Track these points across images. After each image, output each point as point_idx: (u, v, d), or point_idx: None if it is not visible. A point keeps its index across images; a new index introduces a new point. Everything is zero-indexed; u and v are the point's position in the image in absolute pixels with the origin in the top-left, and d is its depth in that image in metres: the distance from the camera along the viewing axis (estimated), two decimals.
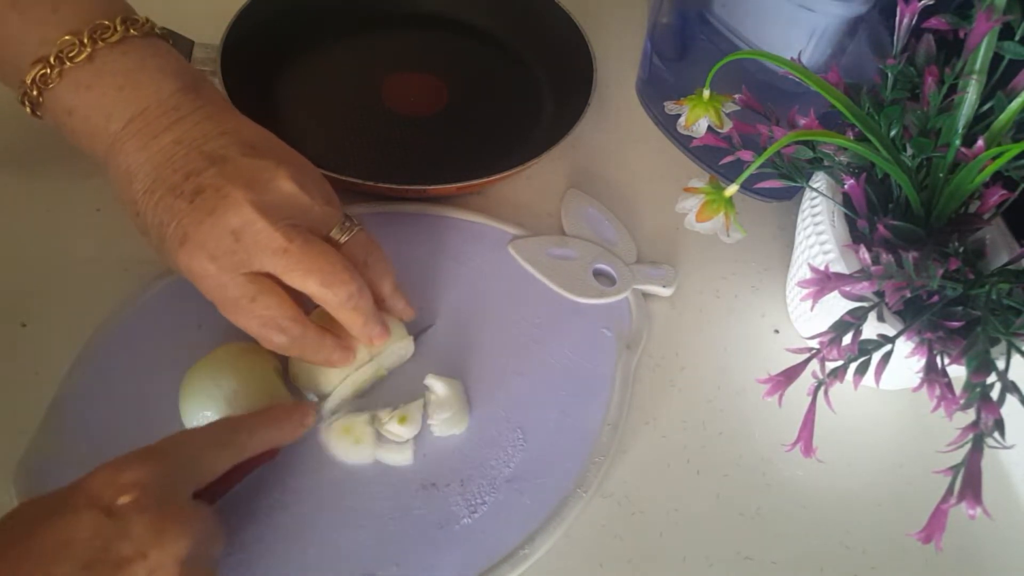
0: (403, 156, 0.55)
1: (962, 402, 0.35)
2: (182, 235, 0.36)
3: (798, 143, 0.42)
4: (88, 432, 0.40)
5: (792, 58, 0.40)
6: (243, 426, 0.36)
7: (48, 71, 0.36)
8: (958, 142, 0.39)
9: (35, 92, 0.37)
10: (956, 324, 0.38)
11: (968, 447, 0.33)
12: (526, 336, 0.47)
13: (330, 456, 0.41)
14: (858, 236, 0.43)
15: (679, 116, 0.44)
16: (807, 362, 0.37)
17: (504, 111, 0.59)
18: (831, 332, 0.37)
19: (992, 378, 0.34)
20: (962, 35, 0.39)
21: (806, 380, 0.37)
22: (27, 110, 0.38)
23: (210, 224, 0.35)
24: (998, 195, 0.39)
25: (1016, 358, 0.35)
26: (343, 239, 0.40)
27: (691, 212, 0.40)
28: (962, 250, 0.39)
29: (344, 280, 0.38)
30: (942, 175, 0.40)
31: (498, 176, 0.51)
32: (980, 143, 0.37)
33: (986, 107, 0.39)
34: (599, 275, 0.51)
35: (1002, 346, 0.36)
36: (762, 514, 0.44)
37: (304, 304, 0.39)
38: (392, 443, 0.42)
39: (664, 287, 0.51)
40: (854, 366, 0.37)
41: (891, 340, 0.37)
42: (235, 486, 0.37)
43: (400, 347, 0.44)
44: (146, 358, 0.42)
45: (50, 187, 0.49)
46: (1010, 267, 0.40)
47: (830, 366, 0.37)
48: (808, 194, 0.46)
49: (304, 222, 0.38)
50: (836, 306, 0.40)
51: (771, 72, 0.52)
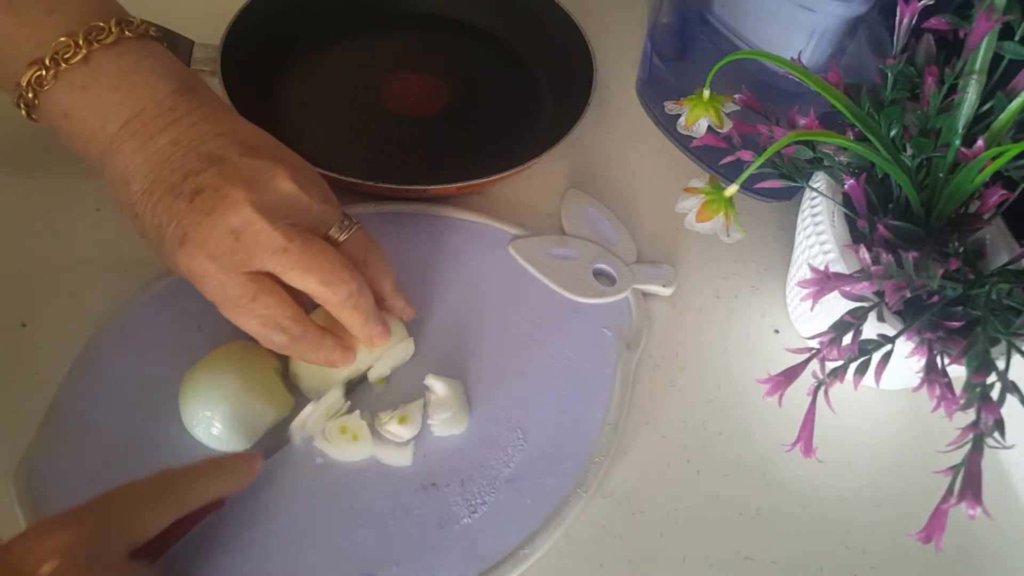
0: (403, 156, 0.55)
1: (962, 402, 0.35)
2: (182, 235, 0.36)
3: (798, 143, 0.42)
4: (88, 432, 0.40)
5: (792, 58, 0.40)
6: (183, 479, 0.35)
7: (43, 73, 0.36)
8: (958, 142, 0.39)
9: (30, 94, 0.37)
10: (956, 324, 0.38)
11: (968, 447, 0.33)
12: (526, 336, 0.47)
13: (329, 457, 0.41)
14: (858, 236, 0.43)
15: (679, 116, 0.44)
16: (807, 362, 0.37)
17: (504, 111, 0.59)
18: (831, 332, 0.37)
19: (992, 378, 0.34)
20: (962, 35, 0.39)
21: (806, 380, 0.37)
22: (23, 113, 0.38)
23: (209, 224, 0.35)
24: (998, 195, 0.39)
25: (1016, 358, 0.35)
26: (342, 238, 0.39)
27: (691, 212, 0.40)
28: (962, 250, 0.39)
29: (344, 279, 0.38)
30: (942, 175, 0.40)
31: (498, 176, 0.51)
32: (980, 143, 0.37)
33: (986, 107, 0.39)
34: (599, 275, 0.51)
35: (1002, 346, 0.36)
36: (762, 514, 0.44)
37: (304, 305, 0.39)
38: (392, 443, 0.42)
39: (664, 287, 0.51)
40: (854, 366, 0.37)
41: (891, 340, 0.37)
42: (181, 538, 0.36)
43: (400, 348, 0.44)
44: (146, 358, 0.42)
45: (50, 187, 0.49)
46: (1010, 267, 0.40)
47: (830, 366, 0.37)
48: (808, 194, 0.46)
49: (303, 221, 0.38)
50: (836, 306, 0.40)
51: (771, 72, 0.52)
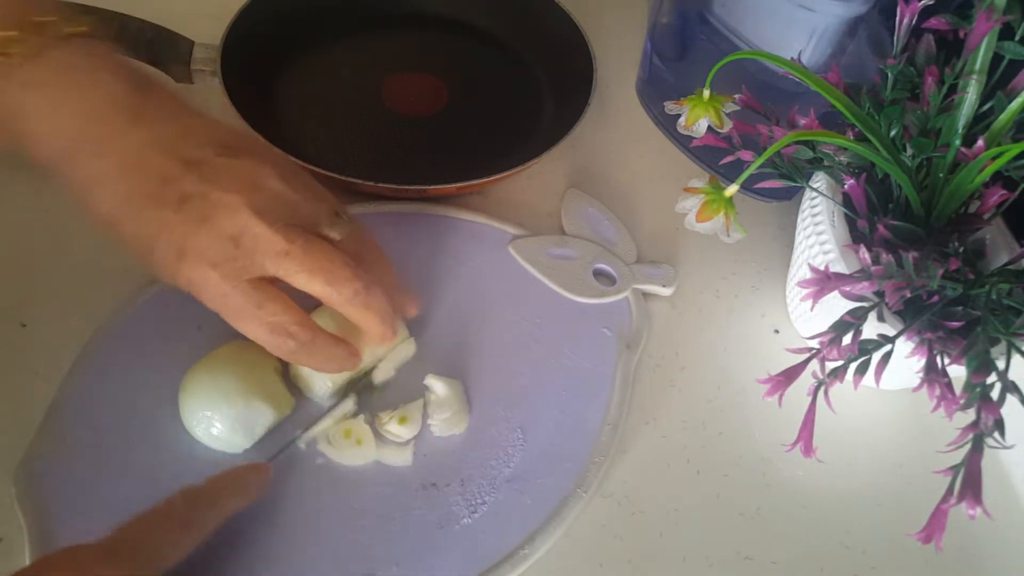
0: (403, 156, 0.55)
1: (962, 402, 0.35)
2: (178, 248, 0.34)
3: (798, 143, 0.42)
4: (88, 432, 0.40)
5: (792, 58, 0.40)
6: (203, 500, 0.35)
7: None
8: (958, 142, 0.39)
9: None
10: (956, 324, 0.38)
11: (968, 447, 0.33)
12: (526, 336, 0.47)
13: (330, 459, 0.41)
14: (858, 236, 0.43)
15: (679, 116, 0.44)
16: (807, 362, 0.37)
17: (504, 111, 0.59)
18: (831, 332, 0.37)
19: (992, 378, 0.34)
20: (962, 35, 0.39)
21: (806, 380, 0.37)
22: None
23: (206, 232, 0.34)
24: (998, 195, 0.39)
25: (1016, 358, 0.35)
26: (337, 235, 0.38)
27: (691, 212, 0.40)
28: (962, 250, 0.39)
29: (348, 277, 0.37)
30: (942, 175, 0.40)
31: (498, 176, 0.51)
32: (980, 143, 0.37)
33: (986, 107, 0.39)
34: (599, 275, 0.51)
35: (1002, 346, 0.36)
36: (762, 514, 0.44)
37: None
38: (392, 443, 0.42)
39: (664, 287, 0.51)
40: (854, 366, 0.37)
41: (891, 340, 0.37)
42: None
43: (402, 348, 0.44)
44: (146, 358, 0.42)
45: (50, 187, 0.49)
46: (1010, 267, 0.40)
47: (830, 366, 0.37)
48: (808, 194, 0.46)
49: (296, 220, 0.36)
50: (836, 306, 0.40)
51: (771, 72, 0.52)
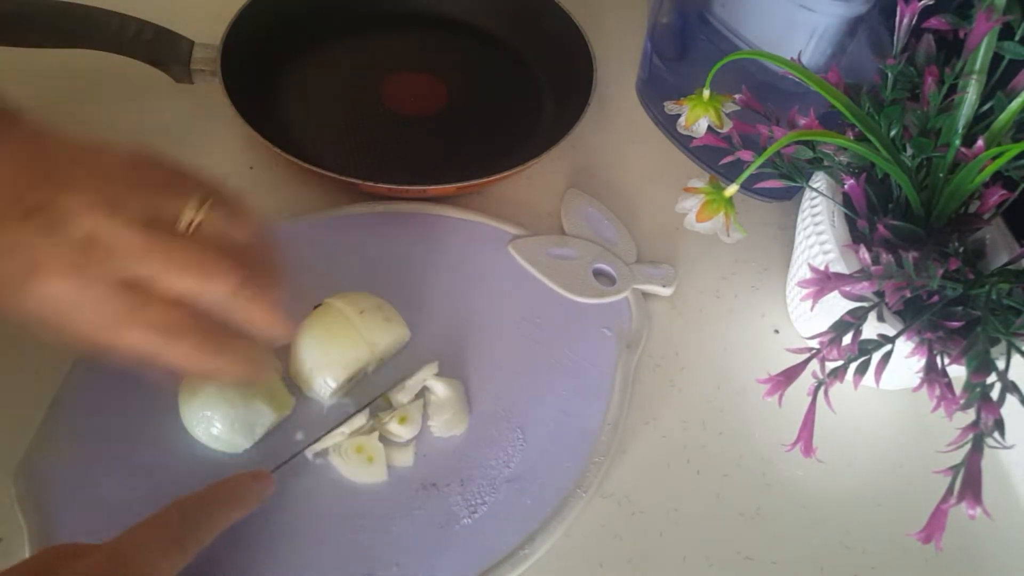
0: (403, 156, 0.55)
1: (962, 402, 0.35)
2: (29, 265, 0.30)
3: (798, 143, 0.42)
4: (88, 432, 0.40)
5: (792, 58, 0.40)
6: (199, 513, 0.33)
7: None
8: (958, 142, 0.39)
9: None
10: (956, 324, 0.38)
11: (968, 447, 0.33)
12: (526, 336, 0.47)
13: (341, 475, 0.41)
14: (858, 236, 0.43)
15: (679, 116, 0.44)
16: (807, 362, 0.37)
17: (504, 111, 0.59)
18: (831, 332, 0.37)
19: (992, 378, 0.34)
20: (962, 35, 0.39)
21: (806, 380, 0.37)
22: None
23: (54, 240, 0.30)
24: (998, 195, 0.39)
25: (1016, 358, 0.35)
26: (195, 223, 0.33)
27: (691, 212, 0.40)
28: (962, 250, 0.39)
29: (225, 269, 0.32)
30: (942, 175, 0.40)
31: (498, 176, 0.51)
32: (980, 143, 0.37)
33: (986, 107, 0.39)
34: (599, 275, 0.51)
35: (1002, 346, 0.36)
36: (762, 514, 0.44)
37: None
38: (393, 444, 0.42)
39: (664, 287, 0.51)
40: (854, 366, 0.37)
41: (891, 340, 0.37)
42: None
43: (397, 335, 0.44)
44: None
45: None
46: (1010, 267, 0.40)
47: (830, 366, 0.37)
48: (808, 194, 0.46)
49: (157, 213, 0.32)
50: (836, 306, 0.40)
51: (771, 72, 0.52)
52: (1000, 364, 0.35)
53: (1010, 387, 0.34)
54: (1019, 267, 0.39)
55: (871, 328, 0.38)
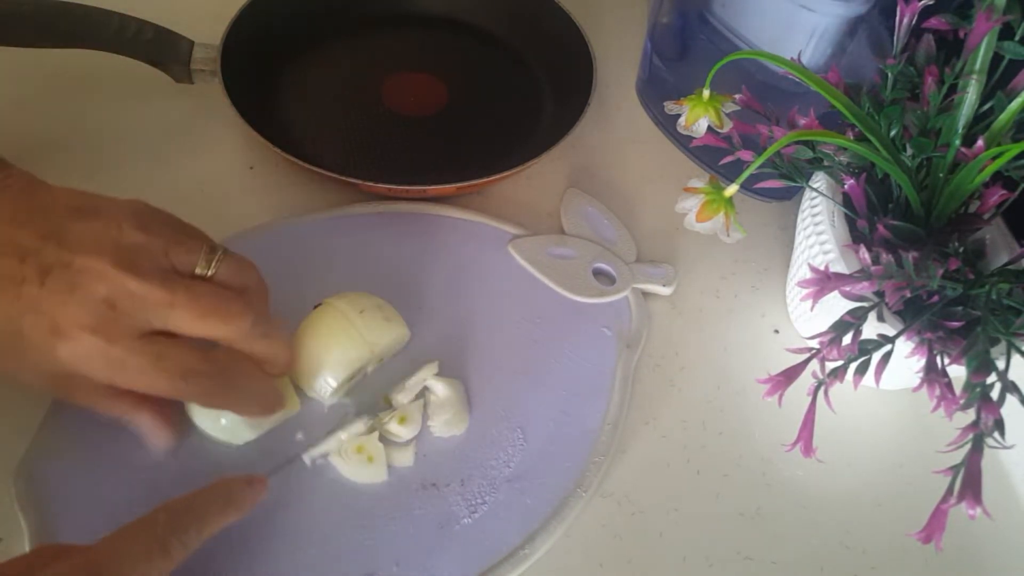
0: (403, 156, 0.55)
1: (962, 402, 0.35)
2: (50, 325, 0.32)
3: (798, 143, 0.42)
4: (88, 432, 0.40)
5: (792, 58, 0.40)
6: (188, 518, 0.33)
7: None
8: (958, 142, 0.39)
9: None
10: (956, 324, 0.38)
11: (968, 447, 0.33)
12: (526, 336, 0.47)
13: (340, 475, 0.40)
14: (858, 236, 0.43)
15: (679, 116, 0.44)
16: (807, 362, 0.37)
17: (504, 111, 0.59)
18: (831, 332, 0.37)
19: (992, 378, 0.34)
20: (962, 35, 0.39)
21: (806, 380, 0.37)
22: None
23: (77, 301, 0.32)
24: (998, 195, 0.39)
25: (1016, 358, 0.35)
26: (210, 272, 0.36)
27: (691, 212, 0.40)
28: (962, 250, 0.39)
29: (240, 311, 0.35)
30: (942, 175, 0.40)
31: (498, 176, 0.51)
32: (980, 143, 0.37)
33: (986, 107, 0.39)
34: (599, 274, 0.51)
35: (1002, 346, 0.36)
36: (762, 514, 0.44)
37: None
38: (393, 444, 0.42)
39: (664, 286, 0.51)
40: (854, 366, 0.37)
41: (891, 340, 0.37)
42: None
43: (397, 334, 0.44)
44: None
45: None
46: (1010, 267, 0.40)
47: (830, 366, 0.37)
48: (808, 194, 0.46)
49: (168, 266, 0.35)
50: (836, 306, 0.40)
51: (771, 72, 0.52)
52: (1000, 364, 0.35)
53: (1010, 387, 0.34)
54: (1019, 267, 0.39)
55: (871, 328, 0.38)
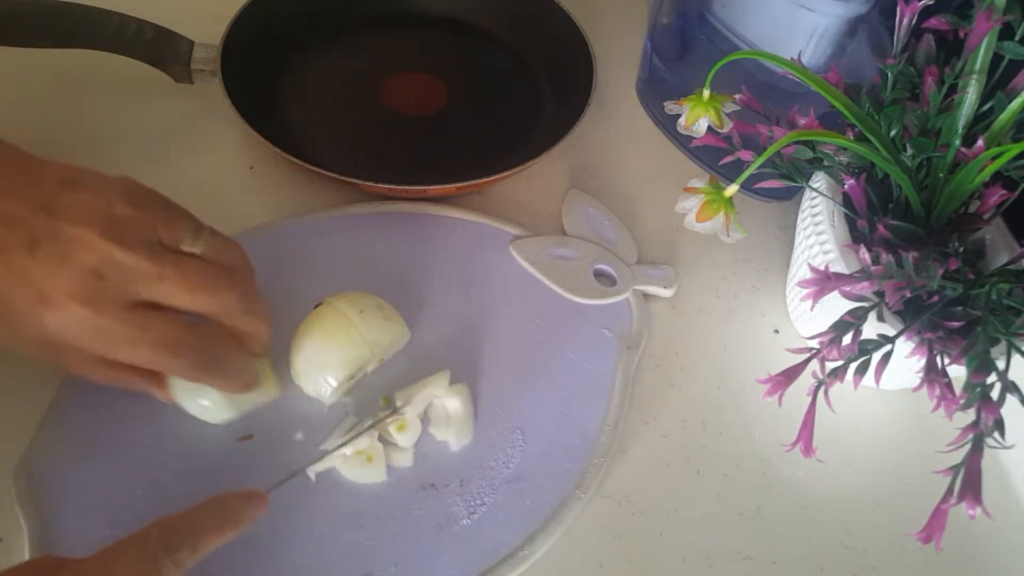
0: (403, 156, 0.55)
1: (962, 402, 0.35)
2: (38, 294, 0.32)
3: (798, 143, 0.42)
4: (88, 432, 0.40)
5: (792, 58, 0.40)
6: (182, 535, 0.32)
7: None
8: (958, 142, 0.39)
9: None
10: (956, 324, 0.38)
11: (968, 447, 0.33)
12: (526, 337, 0.47)
13: (340, 475, 0.40)
14: (858, 236, 0.43)
15: (679, 116, 0.44)
16: (807, 362, 0.37)
17: (504, 111, 0.59)
18: (831, 332, 0.37)
19: (992, 378, 0.34)
20: (962, 35, 0.39)
21: (806, 380, 0.37)
22: None
23: (67, 271, 0.32)
24: (998, 195, 0.39)
25: (1016, 358, 0.35)
26: (197, 250, 0.36)
27: (691, 212, 0.40)
28: (962, 250, 0.39)
29: (227, 285, 0.36)
30: (942, 175, 0.40)
31: (498, 176, 0.51)
32: (980, 143, 0.37)
33: (986, 107, 0.39)
34: (600, 275, 0.51)
35: (1002, 346, 0.36)
36: (762, 514, 0.44)
37: None
38: (393, 444, 0.42)
39: (665, 288, 0.51)
40: (854, 366, 0.37)
41: (891, 340, 0.37)
42: None
43: (397, 334, 0.44)
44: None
45: None
46: (1010, 267, 0.40)
47: (830, 366, 0.37)
48: (808, 194, 0.46)
49: (157, 241, 0.35)
50: (836, 306, 0.40)
51: (771, 72, 0.52)
52: (1000, 364, 0.35)
53: (1010, 387, 0.34)
54: (1019, 267, 0.39)
55: (871, 328, 0.38)
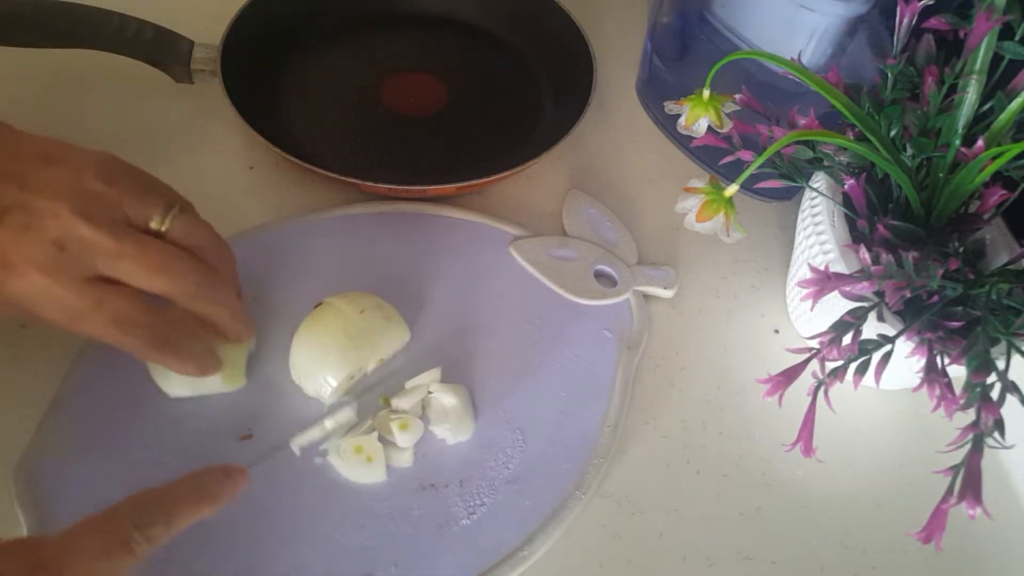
0: (403, 156, 0.55)
1: (962, 402, 0.35)
2: (2, 260, 0.33)
3: (798, 143, 0.42)
4: (88, 433, 0.40)
5: (792, 58, 0.40)
6: (154, 511, 0.31)
7: None
8: (958, 142, 0.39)
9: None
10: (956, 324, 0.38)
11: (968, 447, 0.33)
12: (527, 337, 0.47)
13: (339, 475, 0.40)
14: (858, 236, 0.43)
15: (679, 116, 0.44)
16: (807, 362, 0.37)
17: (504, 111, 0.59)
18: (831, 332, 0.37)
19: (992, 378, 0.34)
20: (962, 35, 0.39)
21: (806, 380, 0.37)
22: None
23: (29, 240, 0.33)
24: (998, 195, 0.39)
25: (1016, 358, 0.35)
26: (164, 227, 0.36)
27: (691, 212, 0.40)
28: (962, 250, 0.39)
29: (188, 270, 0.36)
30: (942, 175, 0.40)
31: (498, 176, 0.51)
32: (980, 143, 0.37)
33: (986, 107, 0.39)
34: (600, 276, 0.51)
35: (1002, 346, 0.36)
36: (762, 514, 0.44)
37: None
38: (392, 444, 0.42)
39: (665, 289, 0.51)
40: (854, 366, 0.37)
41: (891, 340, 0.37)
42: None
43: (397, 334, 0.44)
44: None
45: None
46: (1010, 267, 0.40)
47: (830, 366, 0.37)
48: (808, 194, 0.46)
49: (123, 219, 0.35)
50: (836, 306, 0.40)
51: (771, 72, 0.52)
52: (1000, 364, 0.35)
53: (1010, 387, 0.34)
54: (1019, 267, 0.39)
55: (871, 328, 0.38)
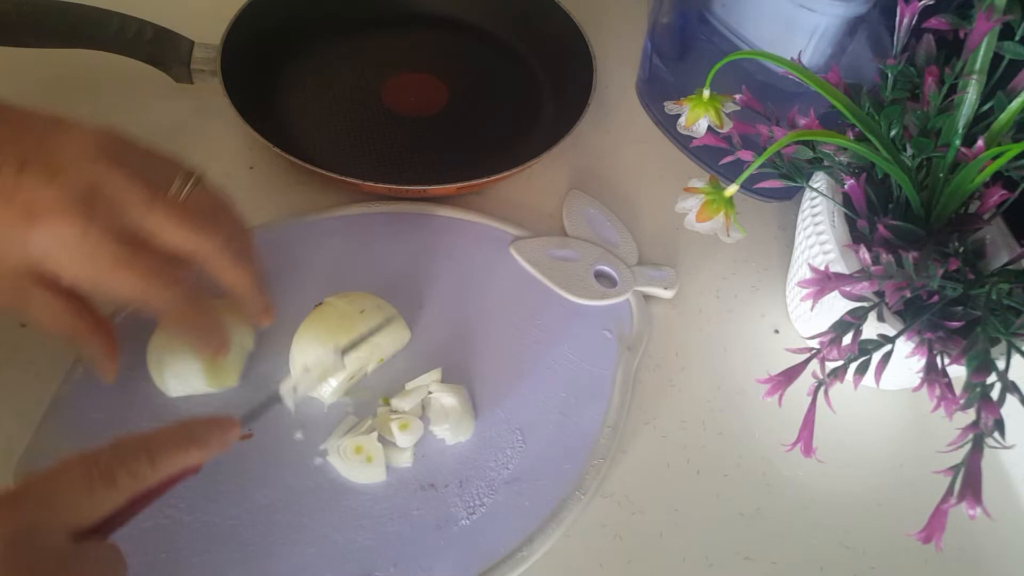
0: (403, 156, 0.55)
1: (962, 402, 0.35)
2: (23, 211, 0.31)
3: (798, 143, 0.42)
4: (88, 432, 0.40)
5: (792, 58, 0.40)
6: (137, 452, 0.30)
7: None
8: (958, 142, 0.39)
9: None
10: (956, 324, 0.38)
11: (968, 447, 0.33)
12: (527, 337, 0.47)
13: (339, 475, 0.40)
14: (858, 236, 0.43)
15: (679, 116, 0.44)
16: (807, 362, 0.37)
17: (504, 111, 0.59)
18: (831, 332, 0.37)
19: (992, 378, 0.34)
20: (962, 35, 0.39)
21: (806, 380, 0.37)
22: None
23: (59, 184, 0.31)
24: (998, 195, 0.39)
25: (1016, 358, 0.35)
26: (184, 193, 0.35)
27: (691, 212, 0.40)
28: (962, 250, 0.39)
29: (212, 227, 0.35)
30: (942, 175, 0.40)
31: (498, 176, 0.51)
32: (980, 143, 0.37)
33: (986, 107, 0.39)
34: (600, 276, 0.51)
35: (1002, 346, 0.36)
36: (762, 514, 0.44)
37: None
38: (392, 444, 0.42)
39: (666, 289, 0.51)
40: (854, 366, 0.37)
41: (891, 340, 0.37)
42: (142, 510, 0.31)
43: (397, 334, 0.44)
44: (145, 357, 0.42)
45: None
46: (1010, 267, 0.40)
47: (830, 366, 0.37)
48: (808, 194, 0.46)
49: (151, 176, 0.34)
50: (836, 306, 0.40)
51: (771, 72, 0.52)
52: (1000, 364, 0.35)
53: (1010, 387, 0.34)
54: (1019, 267, 0.39)
55: (871, 328, 0.38)
